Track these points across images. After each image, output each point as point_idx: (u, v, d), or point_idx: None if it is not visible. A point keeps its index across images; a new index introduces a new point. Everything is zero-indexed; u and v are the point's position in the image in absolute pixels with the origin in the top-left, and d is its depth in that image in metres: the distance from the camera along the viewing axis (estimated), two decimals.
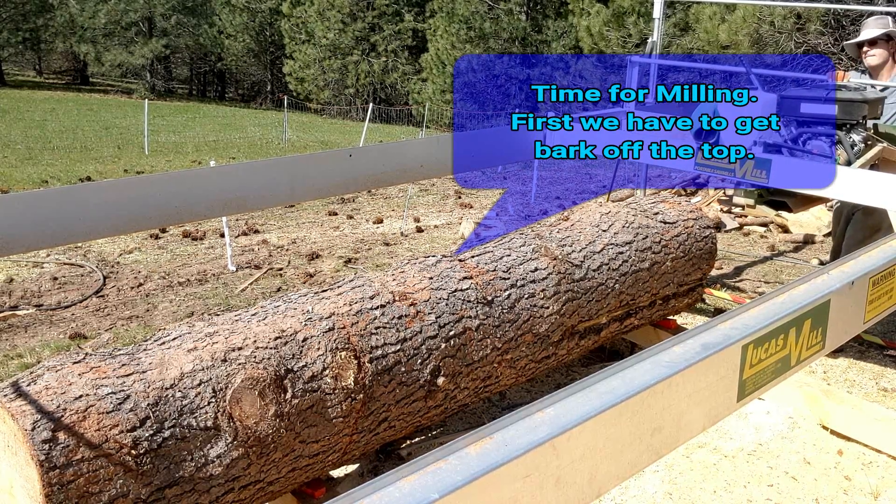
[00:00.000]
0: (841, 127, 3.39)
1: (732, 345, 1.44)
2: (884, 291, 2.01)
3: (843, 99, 3.35)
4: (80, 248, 6.57)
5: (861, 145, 3.39)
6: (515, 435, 1.09)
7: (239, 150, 16.02)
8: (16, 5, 32.13)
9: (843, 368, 3.92)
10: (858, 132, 3.41)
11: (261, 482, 2.10)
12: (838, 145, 3.36)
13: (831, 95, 3.37)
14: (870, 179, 2.94)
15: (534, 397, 3.36)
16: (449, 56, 26.21)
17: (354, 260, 6.49)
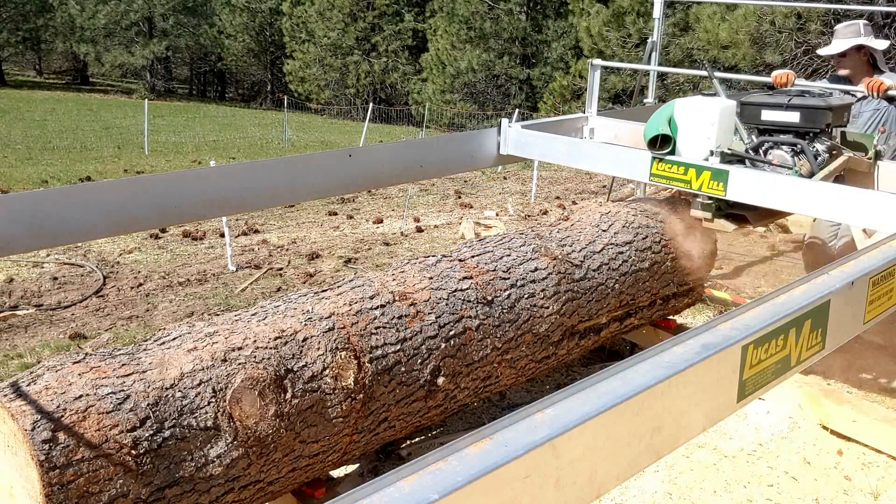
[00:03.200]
0: (804, 135, 3.16)
1: (732, 345, 1.44)
2: (884, 292, 2.01)
3: (805, 106, 3.12)
4: (80, 248, 6.57)
5: (825, 155, 3.16)
6: (515, 435, 1.09)
7: (239, 150, 16.01)
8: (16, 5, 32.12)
9: (843, 368, 3.92)
10: (822, 141, 3.17)
11: (261, 482, 2.10)
12: (801, 155, 3.12)
13: (793, 102, 3.14)
14: (831, 193, 2.74)
15: (534, 397, 3.36)
16: (449, 56, 26.20)
17: (354, 260, 6.49)
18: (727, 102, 3.15)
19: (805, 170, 3.06)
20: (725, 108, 3.12)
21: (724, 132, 3.12)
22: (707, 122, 3.08)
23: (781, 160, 3.12)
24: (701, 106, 3.11)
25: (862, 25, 3.96)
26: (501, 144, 3.76)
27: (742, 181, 2.91)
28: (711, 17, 15.13)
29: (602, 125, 4.13)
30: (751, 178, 2.90)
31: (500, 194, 10.32)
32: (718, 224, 3.17)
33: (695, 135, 3.11)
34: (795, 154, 3.12)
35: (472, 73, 25.89)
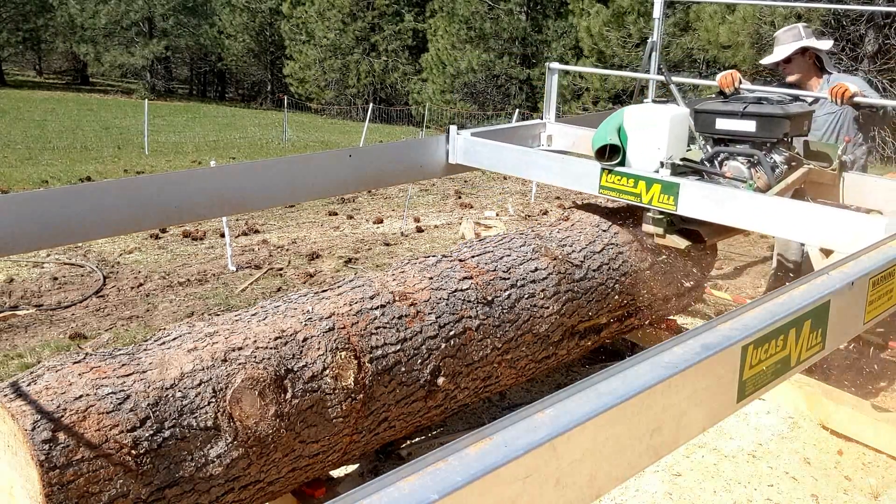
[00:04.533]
0: (761, 146, 2.95)
1: (732, 345, 1.44)
2: (884, 292, 2.01)
3: (761, 114, 2.91)
4: (80, 248, 6.57)
5: (783, 167, 2.95)
6: (515, 435, 1.09)
7: (239, 150, 16.01)
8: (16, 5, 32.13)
9: (843, 368, 3.92)
10: (780, 152, 2.96)
11: (261, 482, 2.10)
12: (758, 167, 2.92)
13: (749, 110, 2.92)
14: (785, 209, 2.51)
15: (534, 397, 3.36)
16: (449, 56, 26.21)
17: (354, 260, 6.49)
18: (679, 110, 2.96)
19: (762, 183, 2.87)
20: (677, 116, 2.92)
21: (677, 142, 2.93)
22: (657, 131, 2.88)
23: (737, 172, 2.92)
24: (651, 114, 2.93)
25: (802, 28, 3.78)
26: (450, 153, 3.54)
27: (693, 195, 2.72)
28: (712, 17, 15.14)
29: (560, 132, 3.93)
30: (701, 192, 2.70)
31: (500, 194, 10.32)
32: (670, 240, 2.98)
33: (645, 145, 2.92)
34: (752, 166, 2.92)
35: (472, 73, 25.89)
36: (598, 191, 3.00)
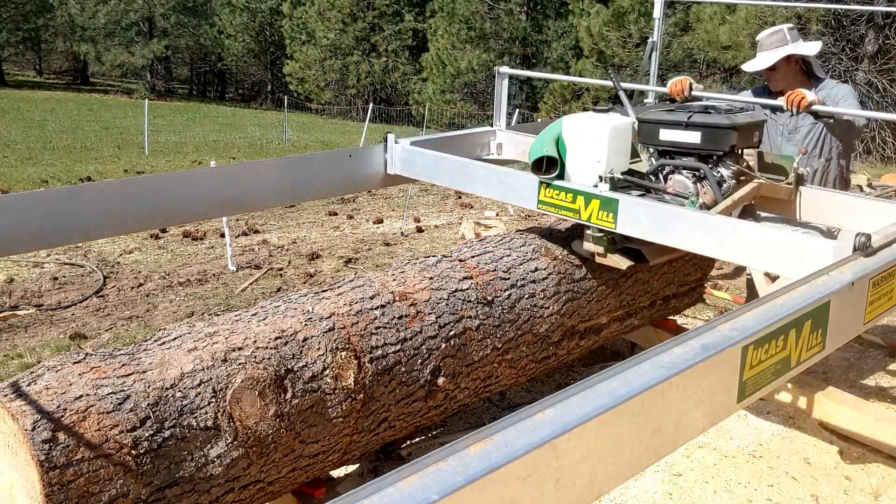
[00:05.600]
0: (707, 158, 2.73)
1: (732, 346, 1.44)
2: (884, 292, 2.01)
3: (706, 124, 2.68)
4: (80, 248, 6.57)
5: (731, 182, 2.73)
6: (515, 436, 1.09)
7: (239, 150, 16.02)
8: (16, 5, 32.14)
9: (843, 368, 3.92)
10: (728, 165, 2.74)
11: (261, 482, 2.10)
12: (703, 181, 2.71)
13: (694, 120, 2.70)
14: (727, 229, 2.29)
15: (534, 397, 3.36)
16: (449, 56, 26.22)
17: (354, 260, 6.49)
18: (621, 120, 2.75)
19: (708, 198, 2.67)
20: (618, 126, 2.71)
21: (618, 154, 2.72)
22: (596, 142, 2.68)
23: (681, 187, 2.72)
24: (589, 124, 2.72)
25: (787, 31, 3.47)
26: (388, 163, 3.32)
27: (632, 212, 2.51)
28: (712, 18, 15.14)
29: (510, 140, 3.68)
30: (641, 210, 2.49)
31: None
32: (611, 260, 2.79)
33: (584, 157, 2.72)
34: (698, 180, 2.72)
35: (472, 73, 25.91)
36: (537, 206, 2.79)
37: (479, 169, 3.01)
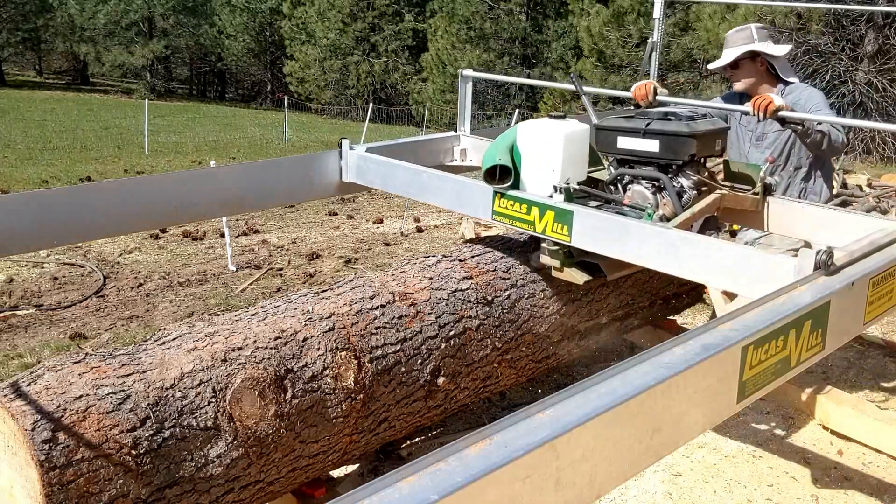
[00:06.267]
0: (666, 168, 2.59)
1: (732, 346, 1.44)
2: (884, 292, 2.01)
3: (664, 132, 2.53)
4: (80, 248, 6.57)
5: (692, 192, 2.59)
6: (515, 436, 1.09)
7: (239, 150, 16.02)
8: (16, 5, 32.15)
9: (842, 368, 3.92)
10: (688, 175, 2.60)
11: (261, 482, 2.10)
12: (663, 192, 2.57)
13: (652, 127, 2.55)
14: (683, 244, 2.15)
15: (534, 397, 3.36)
16: (449, 56, 26.22)
17: (354, 260, 6.49)
18: (577, 127, 2.61)
19: (668, 210, 2.53)
20: (573, 133, 2.57)
21: (574, 163, 2.60)
22: (551, 150, 2.56)
23: (640, 198, 2.59)
24: (543, 131, 2.59)
25: (755, 29, 3.31)
26: (343, 170, 3.17)
27: (587, 225, 2.39)
28: (712, 17, 15.15)
29: (475, 146, 3.49)
30: (595, 222, 2.37)
31: None
32: (568, 274, 2.67)
33: (539, 166, 2.60)
34: (658, 190, 2.59)
35: None
36: (492, 217, 2.66)
37: (432, 177, 2.86)
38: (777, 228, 2.78)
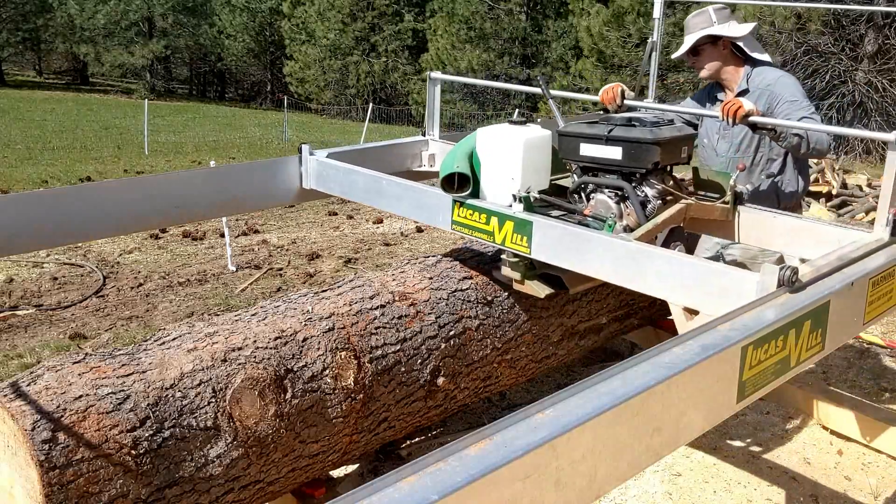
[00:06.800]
0: (630, 177, 2.46)
1: (732, 346, 1.44)
2: (883, 292, 2.01)
3: (627, 139, 2.41)
4: (80, 248, 6.57)
5: (656, 202, 2.46)
6: (515, 436, 1.09)
7: (239, 150, 16.02)
8: (16, 5, 32.15)
9: (842, 368, 3.92)
10: (652, 184, 2.48)
11: (261, 482, 2.10)
12: (626, 202, 2.45)
13: (614, 134, 2.44)
14: (643, 257, 2.04)
15: (534, 397, 3.36)
16: (449, 56, 26.22)
17: (354, 260, 6.49)
18: (538, 133, 2.49)
19: (632, 220, 2.41)
20: (534, 140, 2.46)
21: (535, 170, 2.48)
22: (510, 158, 2.43)
23: (604, 207, 2.47)
24: (503, 138, 2.47)
25: (713, 11, 3.10)
26: (304, 177, 3.05)
27: (546, 236, 2.27)
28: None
29: (443, 151, 3.32)
30: (554, 234, 2.26)
31: None
32: (529, 287, 2.56)
33: (498, 174, 2.47)
34: (621, 200, 2.47)
35: (472, 73, 25.90)
36: (451, 227, 2.55)
37: (392, 185, 2.74)
38: (748, 239, 2.65)
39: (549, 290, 2.55)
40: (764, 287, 1.75)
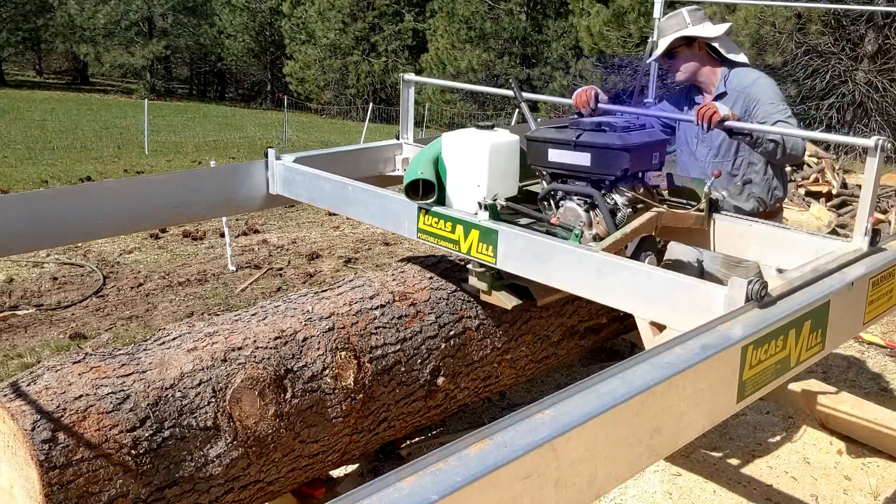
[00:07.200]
0: (599, 184, 2.36)
1: (732, 346, 1.44)
2: (883, 292, 2.01)
3: (595, 145, 2.31)
4: (80, 248, 6.56)
5: (626, 210, 2.36)
6: (515, 436, 1.09)
7: (239, 150, 16.01)
8: (16, 5, 32.13)
9: (843, 368, 3.92)
10: (621, 192, 2.38)
11: (260, 482, 2.10)
12: (596, 210, 2.34)
13: (583, 139, 2.33)
14: (610, 268, 1.96)
15: (534, 397, 3.36)
16: (449, 56, 26.22)
17: (354, 260, 6.49)
18: (505, 138, 2.40)
19: (602, 229, 2.32)
20: (500, 145, 2.36)
21: (502, 177, 2.39)
22: (476, 164, 2.34)
23: (573, 216, 2.37)
24: (468, 143, 2.38)
25: (687, 13, 3.02)
26: (270, 182, 2.96)
27: (512, 246, 2.18)
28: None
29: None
30: (519, 243, 2.17)
31: None
32: (496, 298, 2.49)
33: (464, 180, 2.38)
34: (591, 207, 2.36)
35: (472, 73, 25.90)
36: (416, 235, 2.47)
37: (357, 191, 2.66)
38: (724, 248, 2.56)
39: (517, 301, 2.48)
40: (732, 302, 1.67)
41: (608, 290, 1.98)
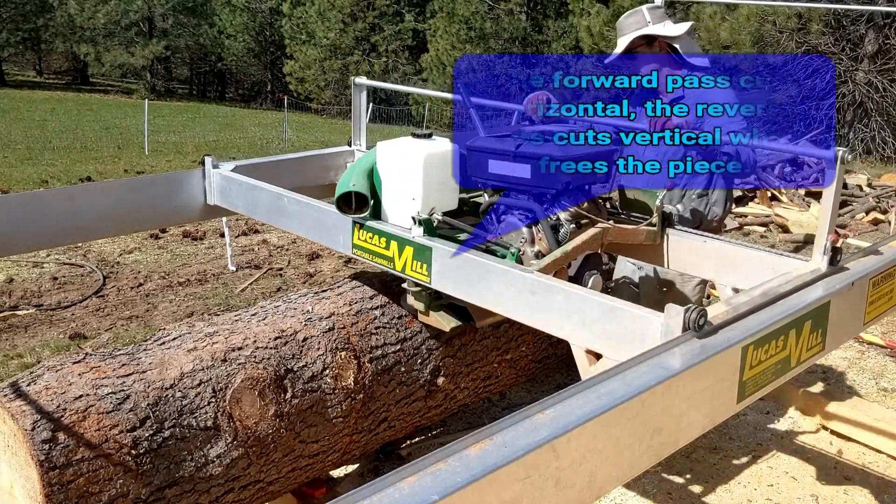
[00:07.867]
0: (541, 197, 2.18)
1: (732, 346, 1.44)
2: (884, 293, 2.01)
3: (536, 155, 2.11)
4: (80, 248, 6.56)
5: (570, 226, 2.19)
6: (515, 436, 1.09)
7: (239, 150, 16.00)
8: (16, 5, 32.13)
9: (843, 368, 3.92)
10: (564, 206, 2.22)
11: (261, 482, 2.10)
12: (537, 226, 2.17)
13: (522, 149, 2.14)
14: (543, 291, 1.82)
15: (534, 397, 3.36)
16: (449, 56, 26.22)
17: (354, 260, 6.48)
18: (443, 147, 2.25)
19: (544, 247, 2.16)
20: (438, 155, 2.21)
21: (440, 189, 2.23)
22: (410, 175, 2.19)
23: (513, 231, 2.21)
24: (403, 153, 2.23)
25: (647, 11, 2.89)
26: (208, 192, 2.81)
27: (446, 264, 2.04)
28: (712, 17, 15.13)
29: None
30: (453, 262, 2.02)
31: None
32: (433, 319, 2.34)
33: (399, 193, 2.23)
34: (533, 224, 2.19)
35: (472, 73, 25.89)
36: (352, 251, 2.31)
37: (292, 202, 2.49)
38: (678, 265, 2.42)
39: (456, 322, 2.34)
40: (668, 331, 1.53)
41: (542, 314, 1.85)
